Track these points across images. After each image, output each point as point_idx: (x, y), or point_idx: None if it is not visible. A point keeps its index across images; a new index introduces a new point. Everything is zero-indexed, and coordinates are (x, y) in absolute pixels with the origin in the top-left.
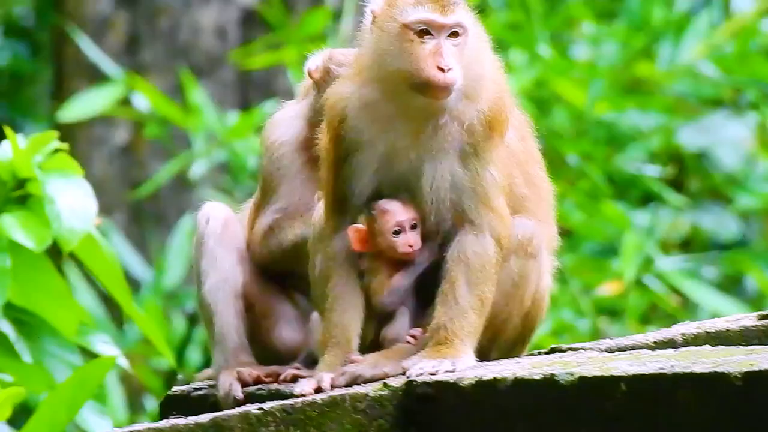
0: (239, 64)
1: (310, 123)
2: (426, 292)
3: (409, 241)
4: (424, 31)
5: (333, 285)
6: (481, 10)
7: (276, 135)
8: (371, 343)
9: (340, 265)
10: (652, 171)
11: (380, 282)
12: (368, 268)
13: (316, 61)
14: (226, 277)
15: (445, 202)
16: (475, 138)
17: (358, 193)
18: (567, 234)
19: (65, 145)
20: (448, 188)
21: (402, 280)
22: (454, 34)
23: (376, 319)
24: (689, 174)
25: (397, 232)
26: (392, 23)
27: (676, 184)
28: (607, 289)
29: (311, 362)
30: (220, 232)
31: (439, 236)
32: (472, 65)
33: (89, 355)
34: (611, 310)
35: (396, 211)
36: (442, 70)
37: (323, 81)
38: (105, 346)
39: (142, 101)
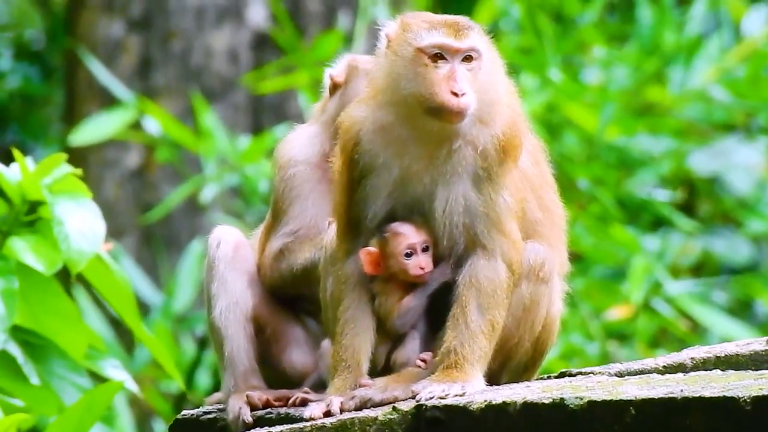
0: (251, 87)
1: (330, 134)
2: (437, 315)
3: (421, 264)
4: (438, 56)
5: (344, 308)
6: (494, 34)
7: (289, 154)
8: (383, 367)
9: (351, 289)
10: (663, 195)
11: (392, 304)
12: (380, 291)
13: (338, 66)
14: (236, 300)
15: (458, 226)
16: (488, 162)
17: (371, 216)
18: (577, 258)
19: (75, 169)
20: (461, 212)
21: (413, 302)
22: (468, 59)
23: (388, 342)
24: (700, 198)
25: (408, 255)
26: (407, 47)
27: (688, 209)
28: (616, 313)
29: (321, 386)
30: (231, 255)
31: (451, 259)
32: (486, 90)
33: (98, 378)
34: (620, 334)
35: (408, 234)
36: (455, 94)
37: (348, 82)
38: (114, 370)
39: (154, 125)
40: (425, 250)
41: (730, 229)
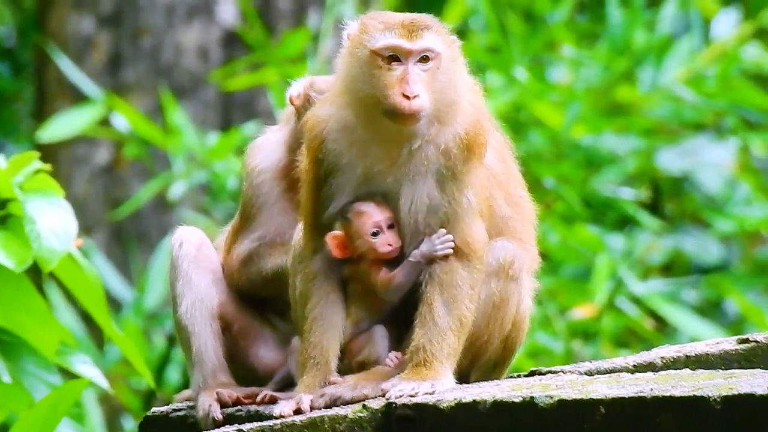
0: (220, 84)
1: (290, 149)
2: (406, 314)
3: (389, 240)
4: (393, 57)
5: (312, 305)
6: (463, 33)
7: (257, 161)
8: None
9: (319, 286)
10: (628, 194)
11: (381, 279)
12: (350, 275)
13: (297, 88)
14: (201, 298)
15: (422, 224)
16: (452, 161)
17: (336, 214)
18: (543, 257)
19: (46, 166)
20: (425, 211)
21: (402, 278)
22: (425, 59)
23: (362, 322)
24: (667, 197)
25: (375, 233)
26: (362, 49)
27: (656, 208)
28: (581, 312)
29: (289, 383)
30: (194, 254)
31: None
32: (444, 90)
33: (69, 375)
34: (585, 333)
35: (371, 213)
36: (407, 97)
37: (303, 108)
38: (84, 366)
39: (122, 122)
40: (391, 226)
41: (700, 229)
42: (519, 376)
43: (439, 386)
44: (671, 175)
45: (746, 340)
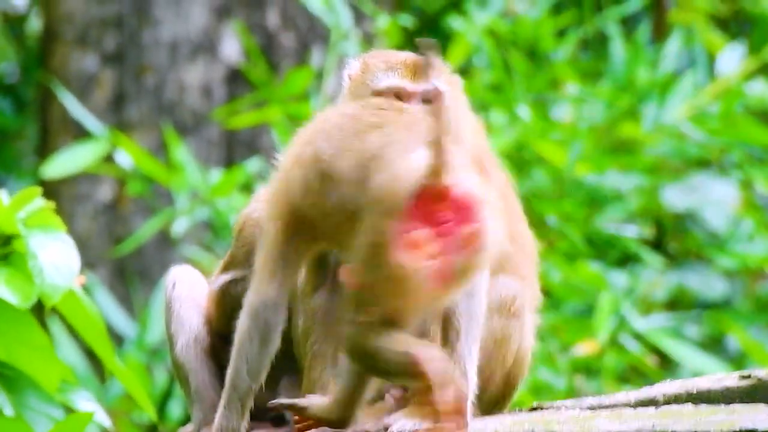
0: (223, 122)
1: None
2: None
3: None
4: (396, 98)
5: (312, 342)
6: (465, 71)
7: (250, 209)
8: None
9: (320, 323)
10: (631, 231)
11: None
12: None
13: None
14: (195, 336)
15: None
16: None
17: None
18: (546, 294)
19: (50, 203)
20: None
21: None
22: (427, 101)
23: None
24: (669, 234)
25: None
26: (365, 89)
27: (659, 245)
28: (583, 348)
29: (280, 419)
30: (186, 294)
31: None
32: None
33: (71, 411)
34: (588, 369)
35: None
36: None
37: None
38: (86, 402)
39: (126, 158)
40: None
41: (704, 265)
42: (521, 411)
43: None
44: (675, 212)
45: (748, 377)
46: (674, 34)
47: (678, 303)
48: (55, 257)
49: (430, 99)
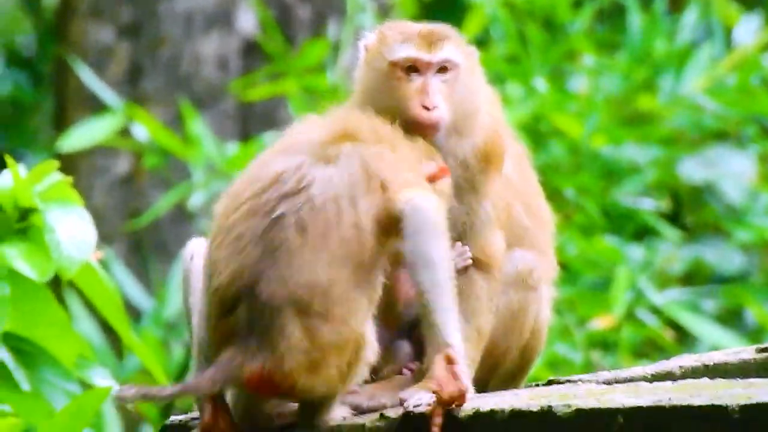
0: (239, 94)
1: None
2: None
3: None
4: (412, 68)
5: None
6: (482, 43)
7: None
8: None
9: None
10: (648, 204)
11: (397, 293)
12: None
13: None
14: None
15: None
16: (470, 172)
17: None
18: (563, 267)
19: (67, 177)
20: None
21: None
22: (443, 70)
23: (390, 332)
24: (686, 207)
25: None
26: (381, 60)
27: (676, 218)
28: (600, 322)
29: None
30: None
31: None
32: (463, 101)
33: (88, 385)
34: (604, 344)
35: None
36: (427, 108)
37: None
38: (102, 379)
39: (142, 132)
40: None
41: (721, 239)
42: (537, 386)
43: None
44: (692, 185)
45: (765, 350)
46: (691, 6)
47: (695, 277)
48: (72, 231)
49: (445, 68)
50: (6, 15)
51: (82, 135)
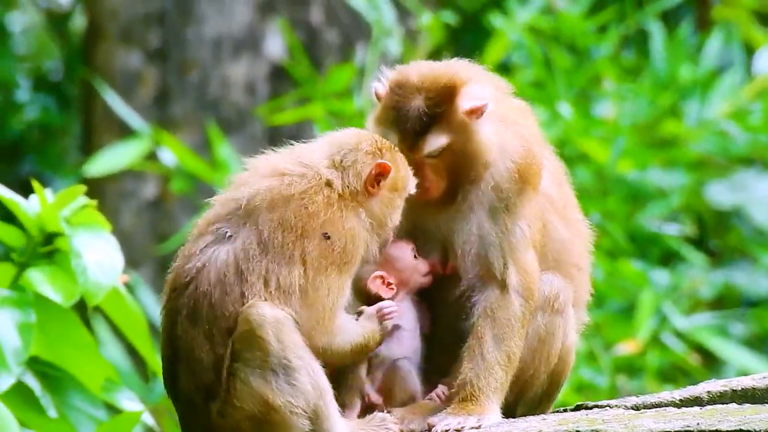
0: (267, 119)
1: None
2: (433, 347)
3: (425, 267)
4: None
5: None
6: (504, 68)
7: None
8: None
9: None
10: (673, 229)
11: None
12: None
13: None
14: None
15: (473, 256)
16: (504, 194)
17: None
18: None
19: (92, 201)
20: (475, 243)
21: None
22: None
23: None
24: (711, 232)
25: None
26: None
27: (702, 242)
28: (625, 347)
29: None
30: None
31: (465, 290)
32: (467, 162)
33: (115, 410)
34: (630, 368)
35: (402, 242)
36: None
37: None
38: (129, 402)
39: (169, 156)
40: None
41: (749, 262)
42: (565, 411)
43: (485, 421)
44: (720, 209)
45: None
46: (715, 32)
47: (725, 301)
48: (99, 256)
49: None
50: (34, 39)
51: (109, 159)
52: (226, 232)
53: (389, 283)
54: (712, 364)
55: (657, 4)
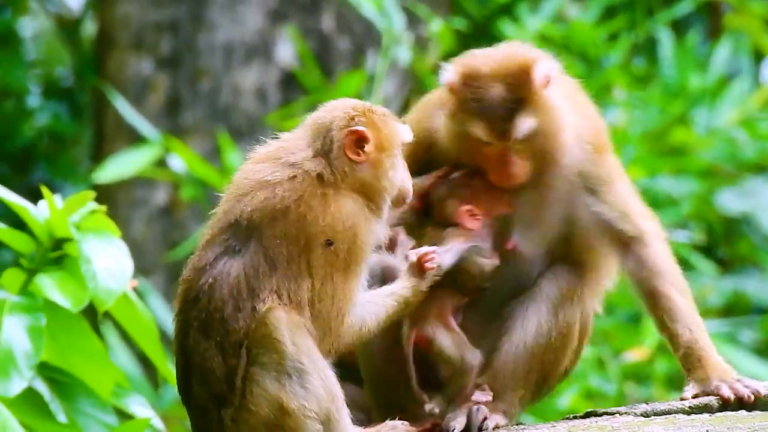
0: (277, 126)
1: None
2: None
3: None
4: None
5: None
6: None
7: None
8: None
9: None
10: (683, 237)
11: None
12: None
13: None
14: None
15: (597, 236)
16: (592, 173)
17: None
18: None
19: (102, 207)
20: (592, 227)
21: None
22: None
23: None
24: (721, 240)
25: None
26: (459, 122)
27: (712, 250)
28: (633, 355)
29: None
30: None
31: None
32: (549, 143)
33: (125, 416)
34: (638, 376)
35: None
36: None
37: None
38: (139, 407)
39: (179, 163)
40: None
41: (759, 270)
42: (575, 418)
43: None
44: (729, 217)
45: None
46: (724, 40)
47: (735, 309)
48: (109, 261)
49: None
50: (44, 46)
51: (119, 166)
52: (235, 245)
53: (475, 214)
54: None
55: (667, 13)
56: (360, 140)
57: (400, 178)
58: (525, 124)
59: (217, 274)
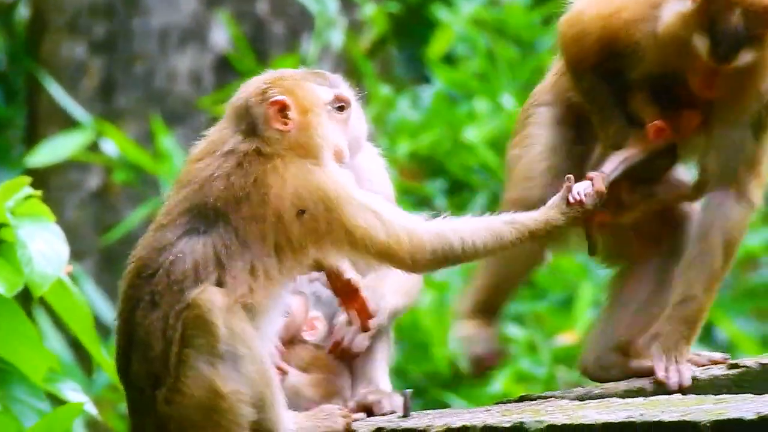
0: (211, 110)
1: None
2: None
3: None
4: None
5: None
6: (450, 60)
7: None
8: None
9: None
10: None
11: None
12: None
13: None
14: None
15: (722, 167)
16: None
17: None
18: (530, 283)
19: (37, 192)
20: (730, 156)
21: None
22: None
23: None
24: None
25: None
26: (683, 36)
27: None
28: (564, 339)
29: None
30: None
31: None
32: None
33: (58, 401)
34: (569, 359)
35: None
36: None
37: None
38: (73, 392)
39: (112, 147)
40: None
41: None
42: (509, 402)
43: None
44: None
45: (736, 365)
46: None
47: None
48: (44, 247)
49: None
50: None
51: (52, 150)
52: (199, 227)
53: (663, 129)
54: None
55: None
56: (282, 109)
57: (332, 134)
58: (745, 56)
59: (180, 251)
